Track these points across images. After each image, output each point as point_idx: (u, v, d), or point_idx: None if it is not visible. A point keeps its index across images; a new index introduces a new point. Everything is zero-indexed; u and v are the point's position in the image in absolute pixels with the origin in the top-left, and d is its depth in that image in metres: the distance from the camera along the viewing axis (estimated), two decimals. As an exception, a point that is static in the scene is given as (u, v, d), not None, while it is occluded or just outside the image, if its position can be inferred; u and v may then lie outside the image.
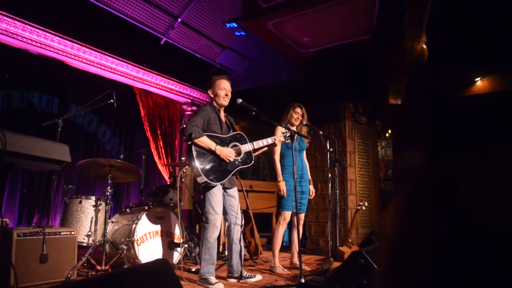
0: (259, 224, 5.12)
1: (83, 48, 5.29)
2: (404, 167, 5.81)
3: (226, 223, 3.45)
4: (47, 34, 4.91)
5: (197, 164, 3.09)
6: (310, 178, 4.16)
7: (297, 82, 6.25)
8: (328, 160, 4.22)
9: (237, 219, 3.36)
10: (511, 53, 4.51)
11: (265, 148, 3.58)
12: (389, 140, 7.79)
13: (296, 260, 4.12)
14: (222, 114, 3.46)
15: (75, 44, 5.20)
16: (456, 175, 0.41)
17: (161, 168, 6.86)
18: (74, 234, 3.24)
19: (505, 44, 4.43)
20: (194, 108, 7.09)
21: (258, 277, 3.41)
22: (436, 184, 0.42)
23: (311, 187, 4.14)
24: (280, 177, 3.92)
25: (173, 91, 6.78)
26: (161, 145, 6.92)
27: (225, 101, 3.38)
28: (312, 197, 4.14)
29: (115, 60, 5.70)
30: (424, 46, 4.09)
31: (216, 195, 3.21)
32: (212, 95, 3.40)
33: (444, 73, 5.11)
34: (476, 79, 5.44)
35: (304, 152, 4.22)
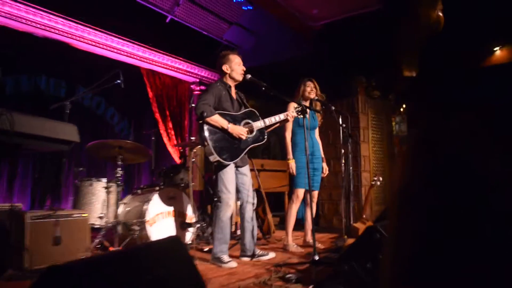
0: (272, 203, 5.13)
1: (88, 29, 5.26)
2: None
3: (239, 202, 3.46)
4: (51, 16, 4.88)
5: (210, 143, 3.08)
6: (323, 156, 4.14)
7: (307, 58, 6.15)
8: (341, 136, 4.18)
9: (250, 197, 3.37)
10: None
11: (277, 125, 3.56)
12: (403, 115, 7.68)
13: (309, 238, 4.13)
14: (233, 91, 3.44)
15: (80, 26, 5.17)
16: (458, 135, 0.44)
17: (171, 149, 6.89)
18: (86, 216, 3.29)
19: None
20: (202, 87, 7.05)
21: (271, 254, 3.43)
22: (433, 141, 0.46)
23: (324, 165, 4.12)
24: (290, 155, 3.90)
25: (180, 71, 6.74)
26: (170, 126, 6.92)
27: (242, 76, 3.37)
28: (325, 175, 4.12)
29: (120, 40, 5.66)
30: (440, 14, 3.96)
31: (229, 173, 3.21)
32: (228, 71, 3.37)
33: (461, 42, 4.97)
34: (495, 49, 5.29)
35: (317, 130, 4.18)
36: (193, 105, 3.26)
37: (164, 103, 6.91)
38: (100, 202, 4.05)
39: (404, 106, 7.67)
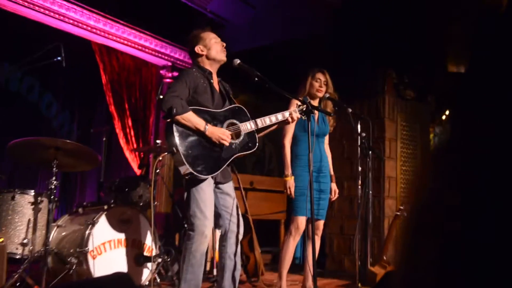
0: (262, 235, 5.09)
1: (20, -15, 5.21)
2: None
3: (218, 231, 3.43)
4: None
5: (180, 149, 3.05)
6: (332, 173, 4.13)
7: (319, 41, 6.16)
8: (359, 149, 4.18)
9: (234, 225, 3.34)
10: None
11: (274, 127, 3.54)
12: (446, 125, 7.72)
13: (310, 284, 4.10)
14: (215, 79, 3.42)
15: (9, -21, 5.13)
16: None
17: (128, 154, 6.85)
18: (2, 243, 3.23)
19: None
20: (175, 73, 7.03)
21: (258, 306, 3.40)
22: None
23: (334, 186, 4.11)
24: (288, 170, 3.87)
25: (147, 50, 6.71)
26: (130, 123, 6.89)
27: (224, 55, 3.37)
28: (334, 199, 4.10)
29: (65, 2, 5.61)
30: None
31: (205, 192, 3.18)
32: (203, 52, 3.36)
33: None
34: None
35: (326, 138, 4.17)
36: (161, 97, 3.24)
37: (122, 93, 6.87)
38: (24, 224, 3.97)
39: (447, 112, 7.72)
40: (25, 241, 3.85)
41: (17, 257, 3.83)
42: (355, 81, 5.95)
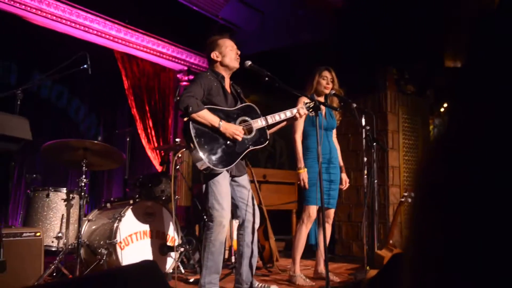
0: (275, 224, 5.10)
1: (48, -1, 5.26)
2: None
3: (236, 221, 3.44)
4: (1, -18, 4.89)
5: (197, 145, 3.06)
6: (341, 164, 4.13)
7: (324, 42, 6.13)
8: (364, 142, 4.16)
9: (251, 215, 3.35)
10: None
11: (283, 124, 3.53)
12: (444, 117, 7.66)
13: (322, 268, 4.10)
14: (227, 83, 3.43)
15: (38, -5, 5.17)
16: None
17: (150, 153, 6.89)
18: (39, 236, 3.26)
19: None
20: (191, 77, 7.05)
21: (274, 288, 3.41)
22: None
23: (344, 176, 4.11)
24: (301, 163, 3.87)
25: (164, 56, 6.75)
26: (150, 124, 6.92)
27: (237, 62, 3.37)
28: (345, 188, 4.10)
29: (89, 15, 5.66)
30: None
31: (222, 185, 3.19)
32: (217, 58, 3.37)
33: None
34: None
35: (334, 132, 4.17)
36: (178, 98, 3.25)
37: (143, 96, 6.91)
38: (58, 218, 4.02)
39: (445, 105, 7.65)
40: (59, 234, 3.91)
41: (53, 249, 3.88)
42: (359, 78, 5.92)
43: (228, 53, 3.37)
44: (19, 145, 2.11)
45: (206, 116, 3.11)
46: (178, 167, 4.46)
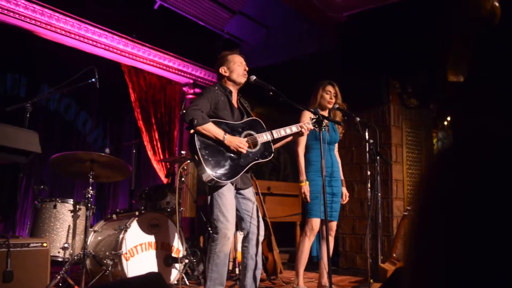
0: (279, 236, 5.09)
1: (56, 14, 5.32)
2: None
3: (241, 233, 3.43)
4: (10, -4, 4.96)
5: (201, 157, 3.07)
6: (342, 178, 4.13)
7: (327, 56, 6.17)
8: (367, 155, 4.17)
9: (256, 227, 3.34)
10: None
11: (289, 139, 3.54)
12: (448, 130, 7.65)
13: (325, 281, 4.09)
14: (234, 98, 3.45)
15: (47, 10, 5.23)
16: None
17: (156, 165, 6.90)
18: (46, 247, 3.27)
19: None
20: (197, 90, 7.10)
21: (278, 301, 3.40)
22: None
23: (344, 190, 4.10)
24: (303, 176, 3.88)
25: (170, 69, 6.79)
26: (156, 136, 6.95)
27: (244, 78, 3.40)
28: (345, 202, 4.10)
29: (97, 30, 5.72)
30: (496, 4, 3.96)
31: (227, 197, 3.19)
32: (225, 73, 3.40)
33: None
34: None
35: (336, 146, 4.18)
36: (184, 111, 3.28)
37: (149, 109, 6.95)
38: (65, 229, 4.04)
39: (449, 118, 7.65)
40: (65, 245, 3.92)
41: (59, 259, 3.89)
42: (362, 92, 5.94)
43: (236, 69, 3.39)
44: (28, 157, 2.14)
45: (211, 129, 3.13)
46: (183, 179, 4.48)
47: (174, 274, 3.98)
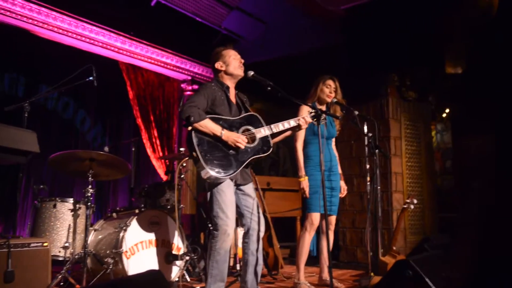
0: (279, 231, 5.10)
1: (54, 13, 5.30)
2: (468, 157, 5.71)
3: (241, 229, 3.43)
4: (7, -5, 4.94)
5: (199, 154, 3.07)
6: (340, 172, 4.13)
7: (325, 50, 6.16)
8: (366, 148, 4.17)
9: (255, 223, 3.34)
10: None
11: (287, 133, 3.54)
12: (447, 122, 7.65)
13: (326, 275, 4.10)
14: (232, 93, 3.44)
15: (43, 9, 5.21)
16: None
17: (155, 162, 6.90)
18: (47, 246, 3.27)
19: None
20: (195, 86, 7.09)
21: (279, 296, 3.41)
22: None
23: (343, 183, 4.11)
24: (302, 171, 3.88)
25: (168, 66, 6.78)
26: (155, 134, 6.94)
27: (241, 70, 3.39)
28: (343, 195, 4.10)
29: (94, 28, 5.71)
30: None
31: (226, 193, 3.18)
32: (222, 68, 3.39)
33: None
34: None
35: (333, 140, 4.19)
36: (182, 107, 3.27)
37: (148, 106, 6.94)
38: (65, 229, 4.04)
39: (447, 111, 7.65)
40: (66, 244, 3.93)
41: (60, 259, 3.90)
42: (360, 85, 5.93)
43: (232, 62, 3.38)
44: (27, 157, 2.14)
45: (208, 125, 3.13)
46: (182, 176, 4.47)
47: (175, 271, 3.99)
